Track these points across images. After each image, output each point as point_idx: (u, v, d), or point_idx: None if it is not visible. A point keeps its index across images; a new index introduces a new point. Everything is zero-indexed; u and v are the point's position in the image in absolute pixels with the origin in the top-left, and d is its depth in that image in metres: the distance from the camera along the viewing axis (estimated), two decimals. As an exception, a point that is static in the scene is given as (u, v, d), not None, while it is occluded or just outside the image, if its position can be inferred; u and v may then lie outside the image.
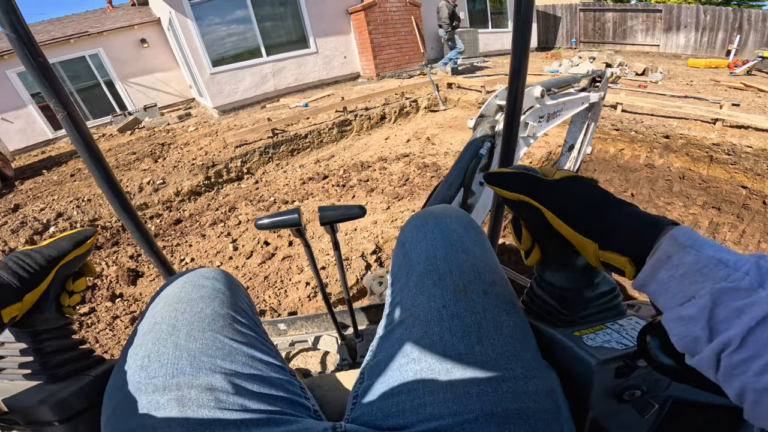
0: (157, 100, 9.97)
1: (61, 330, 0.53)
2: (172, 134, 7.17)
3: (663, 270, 0.32)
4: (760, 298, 0.26)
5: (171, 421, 0.40)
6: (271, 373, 0.51)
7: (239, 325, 0.55)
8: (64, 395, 0.48)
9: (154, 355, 0.46)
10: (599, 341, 0.44)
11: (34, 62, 0.63)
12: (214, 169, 5.11)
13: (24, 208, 4.79)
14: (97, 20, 10.29)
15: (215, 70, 7.66)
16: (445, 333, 0.46)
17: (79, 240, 0.53)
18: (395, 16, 8.74)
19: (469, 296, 0.49)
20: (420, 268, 0.54)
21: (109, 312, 2.76)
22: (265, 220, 0.74)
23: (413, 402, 0.44)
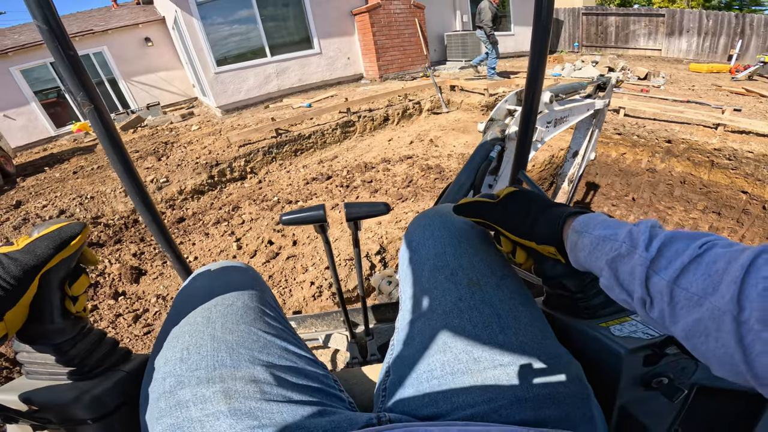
0: (160, 98, 9.98)
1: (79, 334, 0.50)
2: (175, 133, 7.18)
3: (578, 253, 0.41)
4: (636, 258, 0.33)
5: (219, 413, 0.40)
6: (306, 366, 0.51)
7: (269, 318, 0.55)
8: (98, 392, 0.47)
9: (193, 347, 0.46)
10: (626, 332, 0.47)
11: (65, 55, 0.63)
12: (217, 168, 5.11)
13: (26, 204, 4.78)
14: (101, 18, 10.31)
15: (219, 70, 7.67)
16: (467, 324, 0.48)
17: (63, 240, 0.44)
18: (399, 18, 8.76)
19: (484, 289, 0.51)
20: (430, 264, 0.56)
21: (112, 310, 2.76)
22: (291, 215, 0.75)
23: (445, 391, 0.45)
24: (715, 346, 0.27)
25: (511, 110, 1.56)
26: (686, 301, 0.29)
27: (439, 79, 7.90)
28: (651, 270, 0.32)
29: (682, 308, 0.29)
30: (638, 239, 0.34)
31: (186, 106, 9.96)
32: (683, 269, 0.30)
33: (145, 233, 4.03)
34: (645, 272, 0.32)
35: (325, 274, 2.99)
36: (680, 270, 0.30)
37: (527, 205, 0.50)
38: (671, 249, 0.32)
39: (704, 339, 0.28)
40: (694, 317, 0.28)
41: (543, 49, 0.79)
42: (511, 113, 1.56)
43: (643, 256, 0.33)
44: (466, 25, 10.69)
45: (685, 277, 0.30)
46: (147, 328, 2.57)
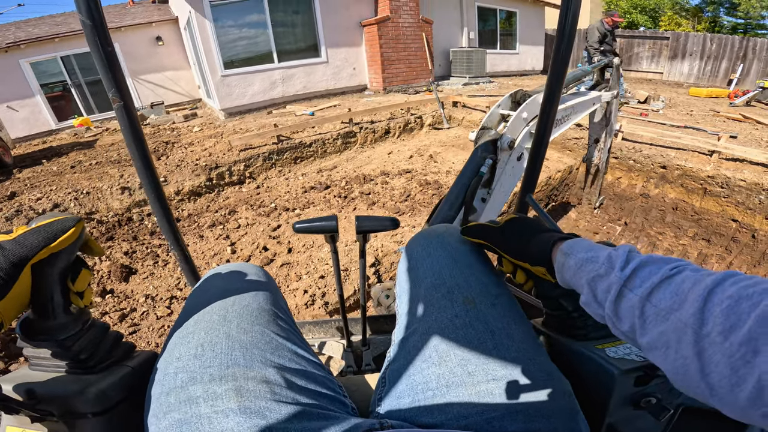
0: (165, 98, 10.02)
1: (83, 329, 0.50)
2: (177, 133, 7.19)
3: (564, 273, 0.46)
4: (612, 277, 0.37)
5: (229, 410, 0.40)
6: (314, 370, 0.53)
7: (281, 321, 0.56)
8: (103, 386, 0.46)
9: (208, 344, 0.47)
10: (621, 353, 0.50)
11: (103, 51, 0.63)
12: (216, 170, 5.11)
13: (20, 196, 4.75)
14: (116, 15, 10.40)
15: (226, 73, 7.73)
16: (461, 339, 0.50)
17: (53, 233, 0.43)
18: (407, 32, 8.88)
19: (478, 307, 0.53)
20: (427, 282, 0.58)
21: (98, 307, 2.72)
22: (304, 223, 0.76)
23: (440, 402, 0.47)
24: (674, 358, 0.30)
25: (505, 115, 1.48)
26: (654, 316, 0.32)
27: (442, 94, 7.99)
28: (625, 288, 0.36)
29: (650, 322, 0.33)
30: (616, 261, 0.38)
31: (189, 106, 10.01)
32: (654, 287, 0.33)
33: (138, 232, 4.01)
34: (618, 289, 0.36)
35: (318, 283, 2.97)
36: (651, 288, 0.33)
37: (523, 229, 0.56)
38: (645, 270, 0.35)
39: (665, 351, 0.31)
40: (659, 330, 0.31)
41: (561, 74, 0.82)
42: (504, 119, 1.49)
43: (618, 276, 0.37)
44: (472, 42, 10.85)
45: (655, 295, 0.33)
46: (133, 328, 2.53)
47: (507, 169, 1.41)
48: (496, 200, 1.41)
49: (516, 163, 1.44)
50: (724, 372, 0.26)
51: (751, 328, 0.26)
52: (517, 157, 1.43)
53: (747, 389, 0.25)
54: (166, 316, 2.62)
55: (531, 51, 12.62)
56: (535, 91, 1.51)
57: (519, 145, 1.40)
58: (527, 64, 12.61)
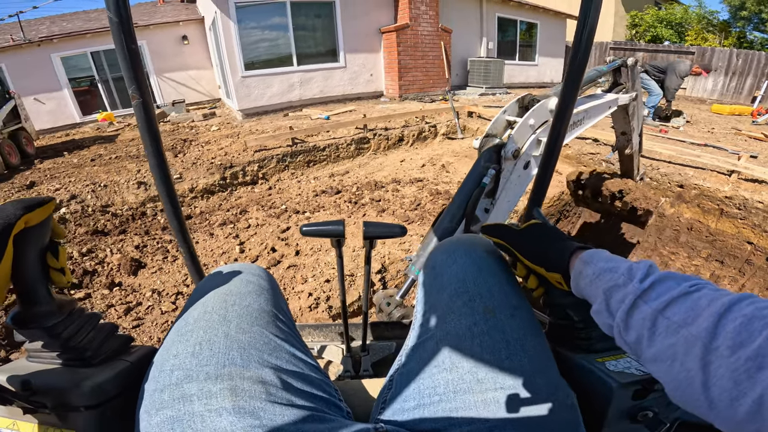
0: (186, 96, 10.25)
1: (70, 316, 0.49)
2: (195, 131, 7.33)
3: (580, 281, 0.47)
4: (630, 288, 0.38)
5: (222, 409, 0.40)
6: (310, 373, 0.53)
7: (280, 323, 0.57)
8: (100, 380, 0.46)
9: (206, 343, 0.47)
10: (621, 367, 0.51)
11: (127, 48, 0.65)
12: (230, 170, 5.19)
13: (39, 186, 4.90)
14: (146, 13, 10.73)
15: (246, 74, 7.86)
16: (476, 347, 0.51)
17: (29, 204, 0.44)
18: (425, 40, 8.92)
19: (498, 317, 0.54)
20: (451, 289, 0.59)
21: (105, 300, 2.77)
22: (311, 227, 0.76)
23: (445, 407, 0.47)
24: (678, 370, 0.31)
25: (511, 122, 1.42)
26: (665, 329, 0.33)
27: (458, 104, 7.97)
28: (640, 299, 0.37)
29: (660, 334, 0.34)
30: (636, 273, 0.39)
31: (209, 106, 10.20)
32: (671, 302, 0.34)
33: (150, 226, 4.08)
34: (633, 300, 0.37)
35: (324, 287, 2.97)
36: (668, 302, 0.34)
37: (543, 235, 0.58)
38: (663, 285, 0.36)
39: (670, 363, 0.32)
40: (668, 343, 0.32)
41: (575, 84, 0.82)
42: (510, 125, 1.42)
43: (636, 287, 0.38)
44: (491, 52, 10.82)
45: (670, 309, 0.34)
46: (137, 322, 2.56)
47: (512, 179, 1.36)
48: (500, 210, 1.37)
49: (522, 172, 1.39)
50: (726, 385, 0.27)
51: (760, 345, 0.26)
52: (523, 166, 1.38)
53: (747, 404, 0.25)
54: (170, 312, 2.65)
55: (551, 63, 12.53)
56: (543, 96, 1.44)
57: (525, 153, 1.35)
58: (546, 75, 12.52)
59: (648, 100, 6.67)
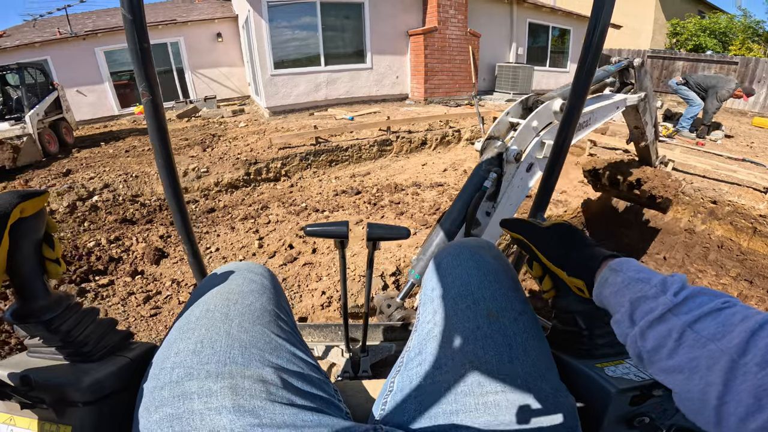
0: (217, 92, 10.57)
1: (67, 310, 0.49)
2: (224, 127, 7.54)
3: (605, 289, 0.46)
4: (661, 300, 0.38)
5: (222, 408, 0.40)
6: (311, 373, 0.53)
7: (282, 322, 0.57)
8: (99, 376, 0.47)
9: (207, 341, 0.47)
10: (619, 373, 0.51)
11: (139, 46, 0.66)
12: (255, 166, 5.30)
13: (75, 174, 5.15)
14: (184, 10, 11.15)
15: (275, 72, 8.03)
16: (479, 350, 0.51)
17: (25, 193, 0.44)
18: (453, 44, 8.86)
19: (501, 321, 0.54)
20: (455, 292, 0.59)
21: (126, 287, 2.87)
22: (315, 227, 0.77)
23: (446, 410, 0.47)
24: (696, 383, 0.31)
25: (513, 124, 1.38)
26: (692, 342, 0.33)
27: (484, 109, 7.87)
28: (670, 312, 0.36)
29: (684, 347, 0.34)
30: (669, 286, 0.39)
31: (238, 102, 10.48)
32: (702, 316, 0.34)
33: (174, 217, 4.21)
34: (663, 312, 0.37)
35: (337, 286, 2.98)
36: (699, 316, 0.34)
37: (570, 238, 0.56)
38: (696, 300, 0.36)
39: (689, 375, 0.32)
40: (691, 356, 0.33)
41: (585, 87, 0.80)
42: (513, 127, 1.39)
43: (669, 300, 0.37)
44: (520, 58, 10.64)
45: (700, 323, 0.34)
46: (155, 311, 2.64)
47: (514, 182, 1.33)
48: (502, 214, 1.35)
49: (525, 175, 1.36)
50: (744, 401, 0.27)
51: None
52: (526, 168, 1.35)
53: (761, 419, 0.26)
54: (189, 302, 2.72)
55: (583, 71, 12.18)
56: (547, 97, 1.41)
57: (528, 155, 1.32)
58: (577, 83, 12.19)
59: (687, 111, 6.41)
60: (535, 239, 0.59)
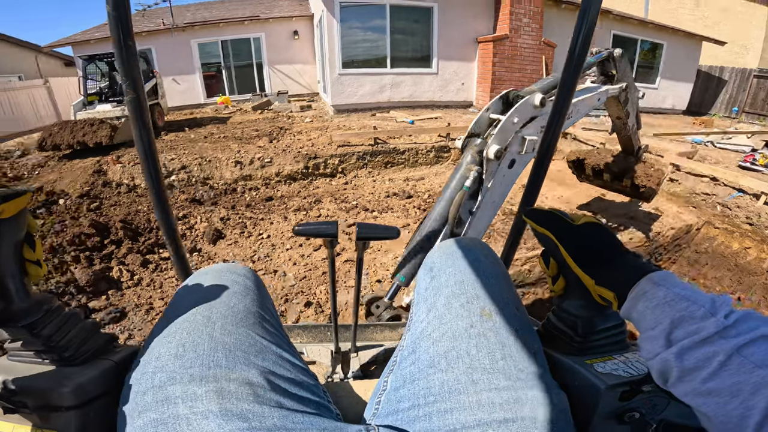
0: (290, 88, 11.21)
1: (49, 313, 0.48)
2: (291, 121, 7.99)
3: (641, 302, 0.43)
4: (711, 322, 0.36)
5: (209, 412, 0.40)
6: (299, 374, 0.53)
7: (267, 324, 0.57)
8: (82, 380, 0.46)
9: (190, 345, 0.46)
10: (608, 369, 0.52)
11: (123, 44, 0.65)
12: (314, 161, 5.55)
13: (159, 155, 5.76)
14: (266, 7, 11.96)
15: (343, 71, 8.33)
16: (472, 349, 0.51)
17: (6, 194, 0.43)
18: (525, 53, 8.52)
19: (494, 319, 0.54)
20: (448, 290, 0.59)
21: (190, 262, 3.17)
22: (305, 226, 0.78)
23: (440, 408, 0.47)
24: (735, 407, 0.31)
25: (494, 120, 1.36)
26: (738, 366, 0.33)
27: (553, 121, 7.46)
28: (718, 335, 0.35)
29: (729, 371, 0.33)
30: (720, 308, 0.37)
31: (307, 99, 11.02)
32: (751, 341, 0.33)
33: (237, 202, 4.55)
34: (712, 335, 0.35)
35: (374, 286, 3.03)
36: (748, 341, 0.33)
37: (604, 242, 0.52)
38: (746, 324, 0.35)
39: (728, 399, 0.32)
40: (735, 380, 0.32)
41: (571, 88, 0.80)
42: (493, 123, 1.37)
43: (720, 322, 0.36)
44: (599, 71, 9.92)
45: (749, 348, 0.33)
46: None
47: (496, 179, 1.32)
48: (485, 212, 1.34)
49: (507, 171, 1.34)
50: None
51: None
52: (507, 165, 1.33)
53: None
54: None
55: (674, 87, 11.05)
56: (527, 92, 1.39)
57: (509, 152, 1.31)
58: (666, 101, 11.08)
59: None
60: (565, 238, 0.54)
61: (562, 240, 0.54)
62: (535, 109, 1.36)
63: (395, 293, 1.27)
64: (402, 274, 1.22)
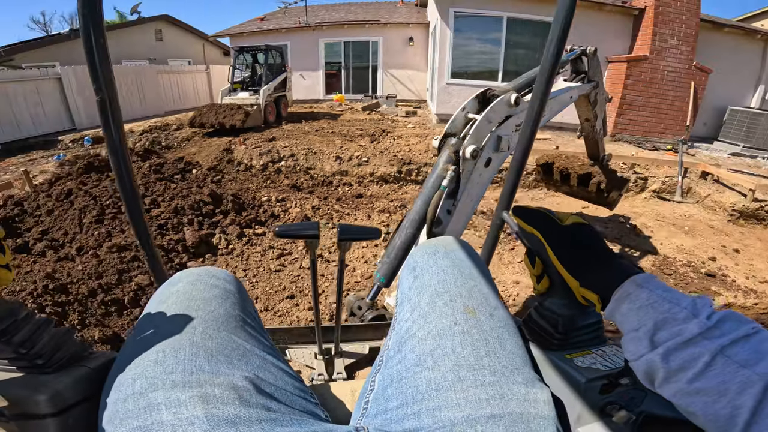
0: (399, 93, 11.59)
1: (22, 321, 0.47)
2: (394, 125, 8.25)
3: (625, 304, 0.45)
4: (694, 323, 0.37)
5: (195, 418, 0.39)
6: (285, 377, 0.53)
7: (249, 328, 0.57)
8: (59, 387, 0.45)
9: (170, 350, 0.46)
10: (587, 363, 0.54)
11: (95, 42, 0.64)
12: (408, 166, 5.66)
13: (275, 141, 6.46)
14: (387, 12, 12.58)
15: (451, 81, 8.31)
16: (457, 346, 0.51)
17: None
18: (668, 77, 7.41)
19: (478, 317, 0.55)
20: (431, 289, 0.60)
21: (270, 242, 3.49)
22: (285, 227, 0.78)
23: (428, 405, 0.48)
24: (722, 406, 0.33)
25: (470, 119, 1.38)
26: (723, 367, 0.34)
27: (692, 159, 6.37)
28: (701, 336, 0.37)
29: (713, 371, 0.34)
30: (701, 309, 0.39)
31: (414, 105, 11.24)
32: (734, 341, 0.35)
33: (330, 194, 4.88)
34: (695, 336, 0.37)
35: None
36: (731, 341, 0.35)
37: (592, 244, 0.54)
38: (728, 324, 0.37)
39: (716, 398, 0.33)
40: (720, 380, 0.33)
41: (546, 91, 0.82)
42: (469, 123, 1.39)
43: (702, 323, 0.37)
44: (766, 104, 8.13)
45: (732, 348, 0.34)
46: (280, 267, 3.15)
47: (473, 178, 1.34)
48: (463, 211, 1.36)
49: (483, 170, 1.36)
50: None
51: None
52: (484, 164, 1.34)
53: None
54: (307, 269, 3.15)
55: None
56: (502, 90, 1.42)
57: (485, 151, 1.34)
58: None
59: None
60: (553, 239, 0.56)
61: (549, 239, 0.56)
62: (510, 108, 1.39)
63: (376, 294, 1.29)
64: (382, 275, 1.23)
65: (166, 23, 15.89)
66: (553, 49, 0.79)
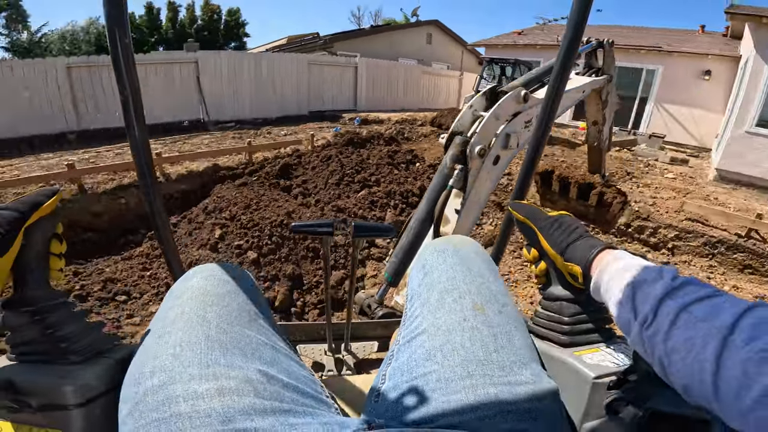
0: (672, 134, 9.39)
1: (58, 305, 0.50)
2: (647, 170, 6.82)
3: (604, 275, 0.49)
4: (660, 284, 0.40)
5: (211, 410, 0.40)
6: (296, 371, 0.54)
7: (262, 322, 0.59)
8: (86, 378, 0.46)
9: (187, 344, 0.47)
10: (596, 360, 0.55)
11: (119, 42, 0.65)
12: (641, 222, 4.64)
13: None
14: (675, 39, 10.33)
15: (753, 130, 6.12)
16: (466, 342, 0.53)
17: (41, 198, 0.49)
18: None
19: (486, 313, 0.57)
20: (441, 287, 0.62)
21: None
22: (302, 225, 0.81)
23: (438, 399, 0.50)
24: (691, 362, 0.33)
25: (478, 116, 1.37)
26: (685, 322, 0.35)
27: None
28: (667, 296, 0.38)
29: (679, 327, 0.36)
30: (667, 273, 0.41)
31: (688, 152, 8.88)
32: (696, 300, 0.36)
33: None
34: (662, 296, 0.39)
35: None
36: (693, 300, 0.36)
37: (573, 228, 0.59)
38: (691, 286, 0.39)
39: (684, 354, 0.34)
40: (687, 336, 0.35)
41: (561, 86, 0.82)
42: (477, 120, 1.38)
43: (668, 284, 0.40)
44: None
45: (694, 306, 0.36)
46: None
47: (481, 177, 1.34)
48: (470, 209, 1.37)
49: (491, 168, 1.36)
50: (735, 374, 0.29)
51: None
52: (492, 162, 1.35)
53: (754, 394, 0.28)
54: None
55: None
56: (510, 87, 1.41)
57: (493, 149, 1.33)
58: None
59: None
60: (541, 225, 0.63)
61: (540, 227, 0.63)
62: (519, 104, 1.38)
63: (385, 292, 1.31)
64: (390, 274, 1.24)
65: (436, 28, 17.88)
66: (568, 42, 0.78)
